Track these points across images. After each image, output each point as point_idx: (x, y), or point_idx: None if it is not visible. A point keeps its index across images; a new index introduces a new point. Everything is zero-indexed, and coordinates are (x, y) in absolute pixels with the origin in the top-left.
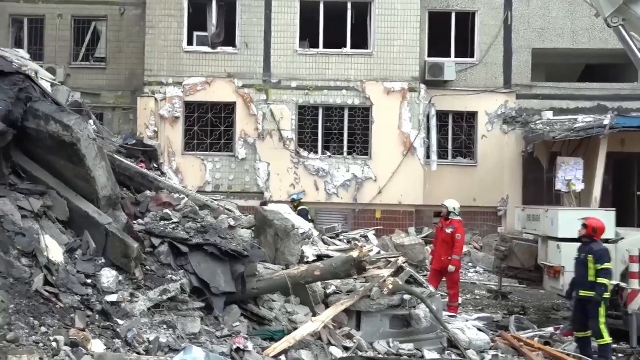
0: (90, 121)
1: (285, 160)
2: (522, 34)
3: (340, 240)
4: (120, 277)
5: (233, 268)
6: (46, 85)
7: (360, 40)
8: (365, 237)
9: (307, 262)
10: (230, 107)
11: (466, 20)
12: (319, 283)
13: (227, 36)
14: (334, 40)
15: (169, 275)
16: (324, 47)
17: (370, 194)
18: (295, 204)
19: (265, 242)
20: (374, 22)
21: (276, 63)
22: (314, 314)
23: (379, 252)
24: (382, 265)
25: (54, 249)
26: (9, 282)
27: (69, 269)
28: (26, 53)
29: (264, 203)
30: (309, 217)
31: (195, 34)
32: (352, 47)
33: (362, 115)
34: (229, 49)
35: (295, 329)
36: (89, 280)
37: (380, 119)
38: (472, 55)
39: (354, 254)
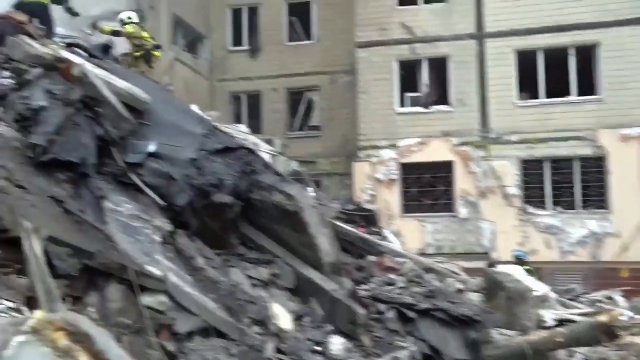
0: (310, 189)
1: (511, 218)
2: None
3: (581, 302)
4: (349, 345)
5: (465, 334)
6: (266, 157)
7: (586, 86)
8: (611, 298)
9: (546, 328)
10: (448, 167)
11: None
12: (562, 351)
13: (440, 95)
14: (556, 89)
15: (398, 342)
16: (546, 96)
17: (613, 251)
18: (518, 261)
19: (497, 306)
20: (601, 65)
21: (494, 118)
22: None
23: (631, 317)
24: (638, 332)
25: (283, 317)
26: (243, 350)
27: (298, 337)
28: (246, 127)
29: (492, 264)
30: (537, 278)
31: (407, 95)
32: (578, 95)
33: (595, 166)
34: (443, 107)
35: None
36: (318, 348)
37: (618, 169)
38: None
39: (603, 318)
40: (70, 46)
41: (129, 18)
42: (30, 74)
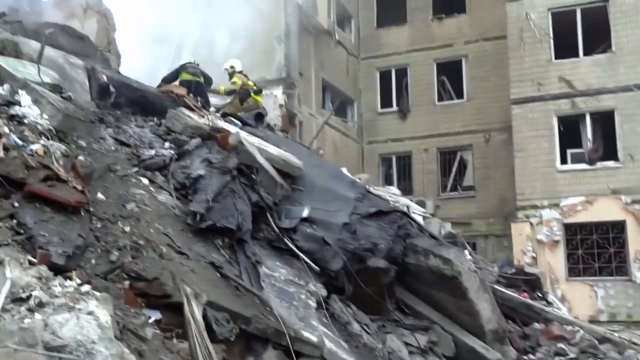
0: (466, 252)
1: None
2: None
3: None
4: None
5: None
6: (419, 219)
7: None
8: None
9: None
10: (619, 227)
11: None
12: None
13: (607, 150)
14: None
15: None
16: None
17: None
18: None
19: None
20: None
21: None
22: None
23: None
24: None
25: None
26: None
27: None
28: (397, 189)
29: None
30: None
31: (569, 151)
32: None
33: None
34: (610, 163)
35: None
36: None
37: None
38: None
39: None
40: (225, 116)
41: (232, 67)
42: (189, 144)
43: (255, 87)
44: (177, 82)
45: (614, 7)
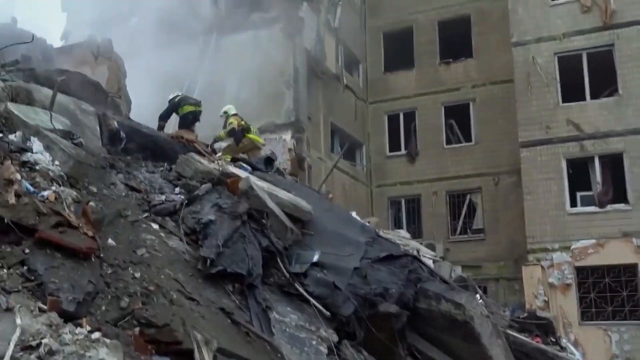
0: (478, 296)
1: None
2: None
3: None
4: None
5: None
6: (429, 263)
7: None
8: None
9: None
10: (632, 270)
11: None
12: None
13: (616, 193)
14: None
15: None
16: None
17: None
18: None
19: None
20: None
21: None
22: None
23: None
24: None
25: None
26: None
27: None
28: (406, 232)
29: None
30: None
31: (579, 194)
32: None
33: None
34: (620, 206)
35: None
36: None
37: None
38: None
39: None
40: (235, 161)
41: (225, 112)
42: (199, 189)
43: (247, 125)
44: (181, 114)
45: (620, 51)
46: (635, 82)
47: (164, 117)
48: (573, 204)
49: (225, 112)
